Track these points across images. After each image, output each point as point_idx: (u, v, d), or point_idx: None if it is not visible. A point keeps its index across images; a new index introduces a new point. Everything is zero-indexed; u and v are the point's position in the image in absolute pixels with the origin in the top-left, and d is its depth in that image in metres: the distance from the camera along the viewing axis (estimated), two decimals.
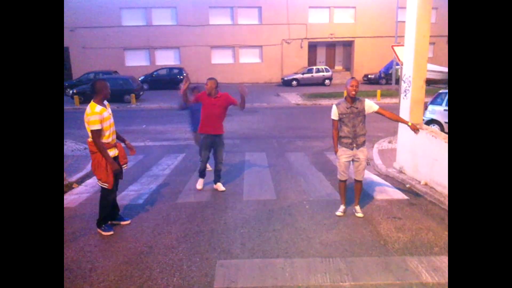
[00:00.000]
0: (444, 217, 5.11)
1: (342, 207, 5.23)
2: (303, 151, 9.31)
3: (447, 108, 10.23)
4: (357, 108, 4.87)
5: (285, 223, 4.92)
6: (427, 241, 4.40)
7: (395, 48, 10.30)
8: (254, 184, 6.62)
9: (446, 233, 4.59)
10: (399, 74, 14.52)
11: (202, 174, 6.38)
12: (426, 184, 6.23)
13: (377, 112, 4.97)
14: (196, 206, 5.57)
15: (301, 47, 32.47)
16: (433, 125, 9.94)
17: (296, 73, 29.82)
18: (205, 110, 5.95)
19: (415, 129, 5.00)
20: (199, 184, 6.36)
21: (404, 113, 6.94)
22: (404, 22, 7.11)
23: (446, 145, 5.72)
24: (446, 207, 5.36)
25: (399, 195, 6.00)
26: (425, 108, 10.10)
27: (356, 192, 5.22)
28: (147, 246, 4.33)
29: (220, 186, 6.28)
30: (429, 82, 7.36)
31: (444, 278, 3.58)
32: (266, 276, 3.67)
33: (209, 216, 5.19)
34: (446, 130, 9.56)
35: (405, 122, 5.18)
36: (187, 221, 5.03)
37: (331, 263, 3.90)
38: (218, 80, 6.36)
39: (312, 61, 33.53)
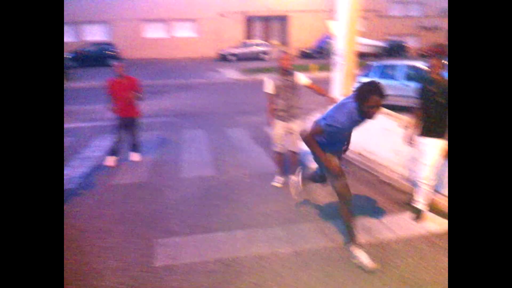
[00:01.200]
0: (375, 182, 5.46)
1: (279, 178, 5.36)
2: (242, 126, 9.34)
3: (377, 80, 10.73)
4: (290, 81, 4.95)
5: (225, 198, 4.95)
6: (361, 206, 4.67)
7: (328, 22, 10.52)
8: (193, 161, 6.54)
9: (376, 196, 4.92)
10: (332, 48, 14.98)
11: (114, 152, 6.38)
12: (359, 154, 6.57)
13: (305, 86, 5.08)
14: (132, 187, 5.40)
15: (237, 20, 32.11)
16: None
17: (233, 48, 29.51)
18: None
19: (334, 102, 5.09)
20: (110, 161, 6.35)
21: (336, 86, 7.19)
22: None
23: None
24: (376, 173, 5.72)
25: None
26: (357, 81, 10.53)
27: (292, 163, 5.37)
28: (80, 230, 4.14)
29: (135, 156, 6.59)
30: (360, 55, 7.68)
31: (373, 238, 3.85)
32: (208, 250, 3.69)
33: (146, 196, 5.06)
34: None
35: (328, 96, 5.29)
36: (122, 203, 4.86)
37: (270, 232, 4.01)
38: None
39: (249, 35, 33.37)
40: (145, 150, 6.89)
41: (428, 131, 4.09)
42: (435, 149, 4.03)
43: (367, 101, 3.06)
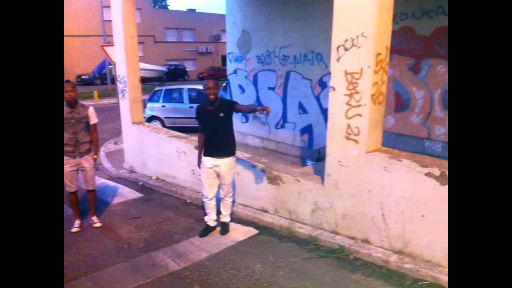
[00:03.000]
0: (178, 205, 5.55)
1: (77, 222, 4.78)
2: None
3: (164, 104, 11.03)
4: (78, 113, 4.52)
5: None
6: (168, 231, 4.66)
7: (105, 48, 10.15)
8: None
9: (183, 219, 5.00)
10: (113, 73, 14.55)
11: None
12: (157, 179, 6.55)
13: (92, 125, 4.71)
14: None
15: None
16: (155, 121, 10.52)
17: None
18: None
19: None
20: None
21: (124, 113, 6.99)
22: (110, 21, 7.08)
23: (170, 139, 6.17)
24: (178, 196, 5.83)
25: (134, 194, 6.05)
26: (144, 106, 10.54)
27: (90, 203, 4.89)
28: None
29: None
30: (143, 80, 7.71)
31: (188, 261, 3.89)
32: None
33: None
34: (167, 124, 10.33)
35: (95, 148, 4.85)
36: None
37: (76, 286, 3.52)
38: None
39: None
40: None
41: (214, 150, 4.23)
42: (228, 169, 4.27)
43: None
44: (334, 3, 3.83)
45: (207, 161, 4.27)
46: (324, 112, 7.48)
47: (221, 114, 4.12)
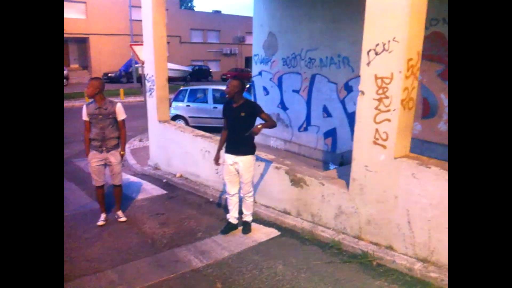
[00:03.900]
0: (201, 203, 5.61)
1: (103, 215, 4.91)
2: None
3: (188, 103, 11.18)
4: (106, 109, 4.64)
5: None
6: (191, 229, 4.72)
7: (134, 47, 10.37)
8: None
9: (206, 217, 5.06)
10: (139, 72, 14.83)
11: None
12: (181, 176, 6.65)
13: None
14: None
15: None
16: (179, 120, 10.66)
17: None
18: None
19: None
20: None
21: (151, 111, 7.13)
22: (138, 21, 7.23)
23: (195, 137, 6.25)
24: (201, 194, 5.90)
25: (158, 191, 6.16)
26: (169, 105, 10.70)
27: (115, 197, 5.01)
28: None
29: None
30: (169, 79, 7.83)
31: (211, 259, 3.93)
32: None
33: None
34: (191, 124, 10.45)
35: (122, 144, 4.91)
36: None
37: (101, 278, 3.61)
38: None
39: None
40: None
41: (234, 147, 4.34)
42: (247, 167, 4.34)
43: None
44: (365, 7, 3.80)
45: (228, 158, 4.41)
46: (349, 116, 7.42)
47: (242, 114, 4.23)
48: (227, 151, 4.43)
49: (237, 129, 4.29)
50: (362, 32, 3.85)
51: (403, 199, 3.74)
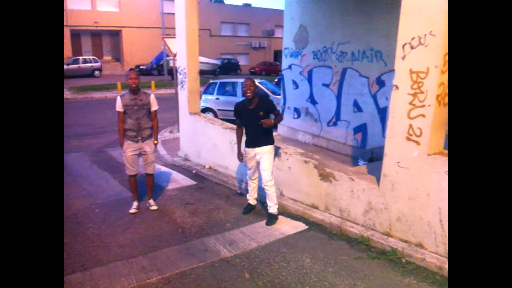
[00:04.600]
0: (229, 194, 5.68)
1: (135, 204, 5.07)
2: (80, 150, 8.47)
3: (218, 96, 11.29)
4: (141, 100, 4.77)
5: (75, 233, 4.39)
6: (219, 219, 4.80)
7: (166, 40, 10.53)
8: None
9: (234, 208, 5.13)
10: (171, 65, 15.05)
11: None
12: (210, 168, 6.75)
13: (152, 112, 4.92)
14: None
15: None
16: (208, 113, 10.79)
17: None
18: None
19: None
20: None
21: (182, 103, 7.25)
22: (169, 14, 7.34)
23: (223, 130, 6.32)
24: (230, 186, 5.98)
25: (188, 181, 6.28)
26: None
27: (148, 186, 5.15)
28: None
29: None
30: (200, 72, 7.94)
31: (239, 249, 3.99)
32: None
33: None
34: (220, 116, 10.55)
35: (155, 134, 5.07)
36: None
37: (133, 263, 3.74)
38: None
39: (77, 50, 30.63)
40: None
41: (254, 141, 4.61)
42: (267, 155, 4.57)
43: None
44: (401, 0, 3.72)
45: (249, 151, 4.70)
46: (381, 111, 7.29)
47: (261, 113, 4.50)
48: (247, 146, 4.70)
49: (255, 126, 4.53)
50: (396, 26, 3.77)
51: (435, 197, 3.66)
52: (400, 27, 3.74)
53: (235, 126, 6.53)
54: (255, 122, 4.50)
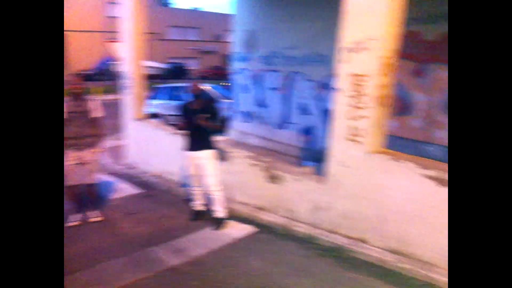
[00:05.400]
0: (178, 202, 5.56)
1: (76, 216, 4.80)
2: None
3: (166, 101, 11.08)
4: (83, 106, 4.55)
5: None
6: (168, 227, 4.68)
7: (111, 44, 10.17)
8: None
9: (182, 215, 5.02)
10: (115, 70, 14.59)
11: None
12: (157, 175, 6.57)
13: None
14: None
15: None
16: (156, 118, 10.54)
17: None
18: None
19: None
20: None
21: (128, 109, 7.02)
22: (114, 17, 7.11)
23: (171, 136, 6.19)
24: (177, 193, 5.86)
25: (135, 190, 6.08)
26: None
27: (90, 197, 4.91)
28: None
29: None
30: (147, 77, 7.73)
31: (188, 257, 3.91)
32: None
33: None
34: (168, 122, 10.34)
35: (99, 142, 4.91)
36: None
37: (77, 278, 3.54)
38: None
39: None
40: None
41: (194, 145, 4.60)
42: (208, 160, 4.56)
43: None
44: (343, 5, 3.85)
45: (191, 155, 4.65)
46: (326, 113, 7.50)
47: (204, 115, 4.46)
48: (189, 149, 4.66)
49: (196, 128, 4.50)
50: (340, 31, 3.91)
51: (377, 194, 3.82)
52: (341, 31, 3.88)
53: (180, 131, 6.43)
54: (196, 123, 4.47)
